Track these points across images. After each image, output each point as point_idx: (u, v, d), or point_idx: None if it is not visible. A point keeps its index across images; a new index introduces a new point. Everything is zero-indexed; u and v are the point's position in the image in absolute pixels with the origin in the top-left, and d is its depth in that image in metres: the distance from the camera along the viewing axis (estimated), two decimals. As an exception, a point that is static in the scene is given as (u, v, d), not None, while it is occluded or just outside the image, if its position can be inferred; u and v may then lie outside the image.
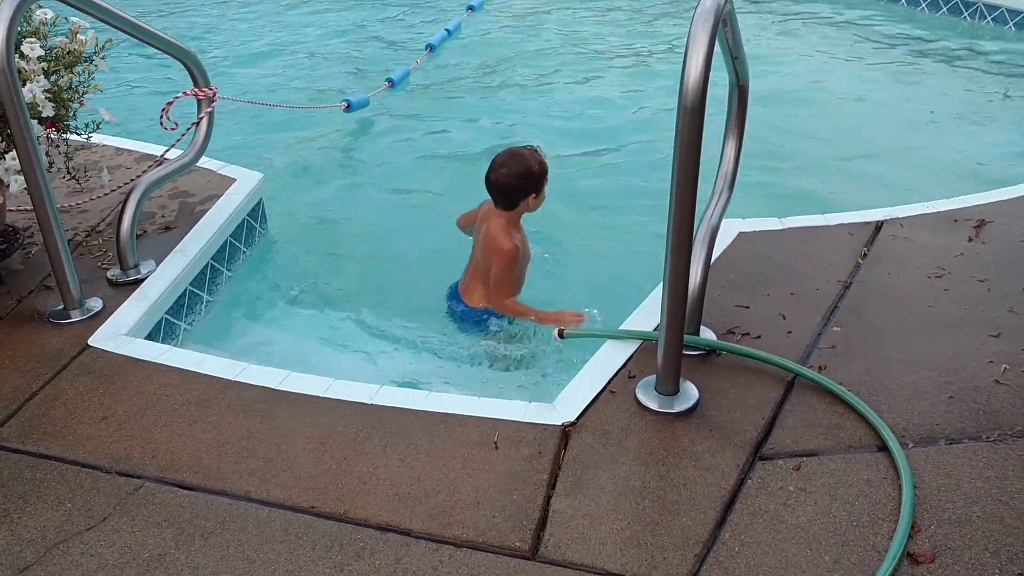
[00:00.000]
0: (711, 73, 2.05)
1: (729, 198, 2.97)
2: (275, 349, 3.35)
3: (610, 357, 2.72)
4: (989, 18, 7.37)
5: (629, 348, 2.76)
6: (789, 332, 2.83)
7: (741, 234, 3.47)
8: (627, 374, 2.64)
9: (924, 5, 7.85)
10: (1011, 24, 7.15)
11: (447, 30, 7.53)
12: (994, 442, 2.32)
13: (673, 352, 2.41)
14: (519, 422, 2.43)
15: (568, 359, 3.19)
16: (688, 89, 2.06)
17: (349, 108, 5.62)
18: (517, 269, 3.40)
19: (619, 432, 2.39)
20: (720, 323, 2.88)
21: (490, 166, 3.32)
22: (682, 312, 2.35)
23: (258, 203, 4.10)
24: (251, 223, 4.02)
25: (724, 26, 2.44)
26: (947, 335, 2.78)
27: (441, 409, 2.49)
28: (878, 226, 3.50)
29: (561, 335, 2.96)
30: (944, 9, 7.71)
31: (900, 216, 3.57)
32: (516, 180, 3.27)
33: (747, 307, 2.97)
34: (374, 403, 2.53)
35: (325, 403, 2.54)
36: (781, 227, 3.52)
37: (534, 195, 3.33)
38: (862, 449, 2.32)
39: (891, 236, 3.42)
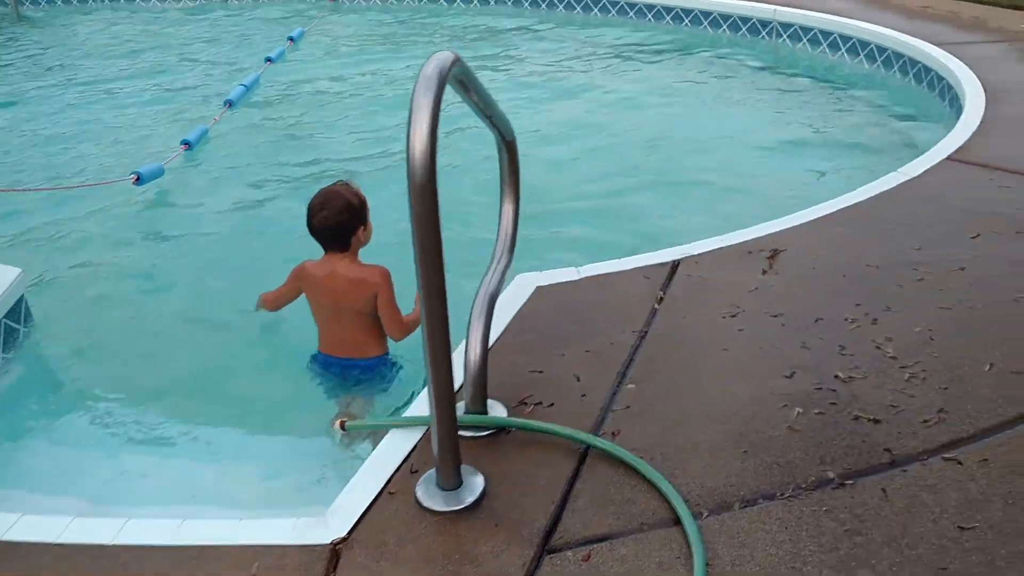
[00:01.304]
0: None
1: (510, 261, 2.81)
2: (27, 479, 2.95)
3: (392, 450, 2.48)
4: (785, 36, 7.62)
5: (414, 436, 2.53)
6: (583, 395, 2.67)
7: (539, 289, 3.32)
8: (409, 468, 2.40)
9: (725, 26, 8.06)
10: (804, 40, 7.40)
11: (244, 85, 7.19)
12: (788, 499, 2.21)
13: (447, 443, 2.20)
14: (284, 546, 2.16)
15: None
16: (415, 165, 1.87)
17: (139, 180, 5.16)
18: None
19: (396, 542, 2.15)
20: (514, 393, 2.69)
21: (309, 212, 3.19)
22: (449, 399, 2.14)
23: (19, 301, 3.68)
24: (10, 325, 3.59)
25: (465, 89, 2.27)
26: (742, 380, 2.69)
27: (195, 541, 2.19)
28: (674, 266, 3.42)
29: (343, 427, 2.71)
30: (744, 29, 7.93)
31: (696, 253, 3.51)
32: (341, 216, 3.17)
33: (541, 371, 2.80)
34: (116, 543, 2.20)
35: (58, 551, 2.19)
36: (578, 276, 3.40)
37: (363, 227, 3.24)
38: (656, 525, 2.16)
39: (687, 276, 3.34)
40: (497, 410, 2.60)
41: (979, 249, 3.39)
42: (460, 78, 2.20)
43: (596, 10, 9.15)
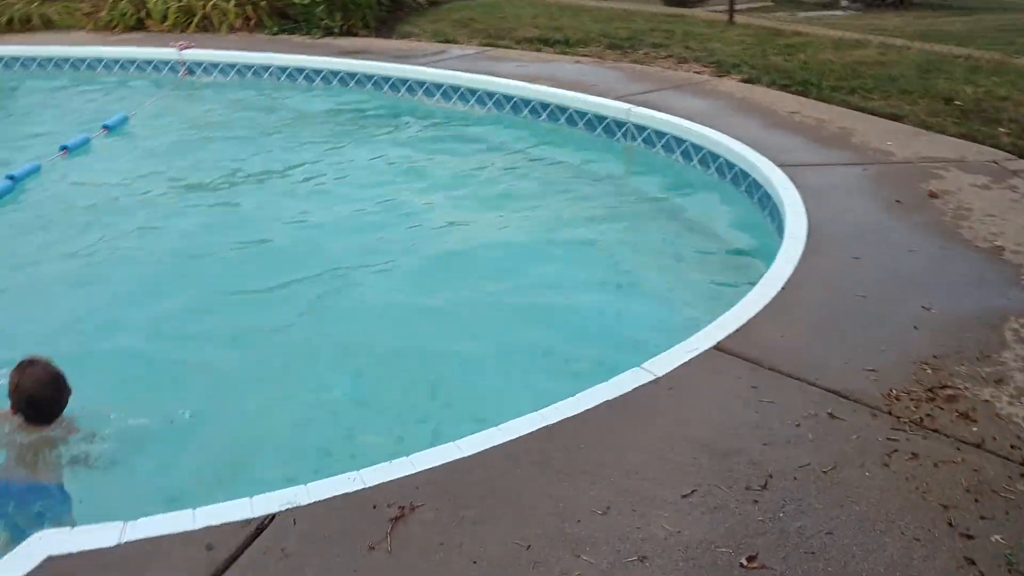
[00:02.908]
0: None
1: None
2: None
3: None
4: (640, 139, 6.75)
5: None
6: None
7: (50, 562, 2.31)
8: None
9: (581, 124, 7.20)
10: (659, 146, 6.43)
11: (9, 177, 6.19)
12: None
13: None
14: None
15: None
16: None
17: None
18: None
19: None
20: None
21: (39, 403, 3.26)
22: None
23: None
24: None
25: None
26: None
27: None
28: (261, 526, 2.43)
29: None
30: (599, 129, 7.07)
31: (303, 503, 2.52)
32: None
33: None
34: None
35: None
36: (118, 541, 2.39)
37: None
38: None
39: (263, 549, 2.35)
40: None
41: (670, 522, 2.41)
42: None
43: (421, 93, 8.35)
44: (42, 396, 3.26)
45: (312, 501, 2.53)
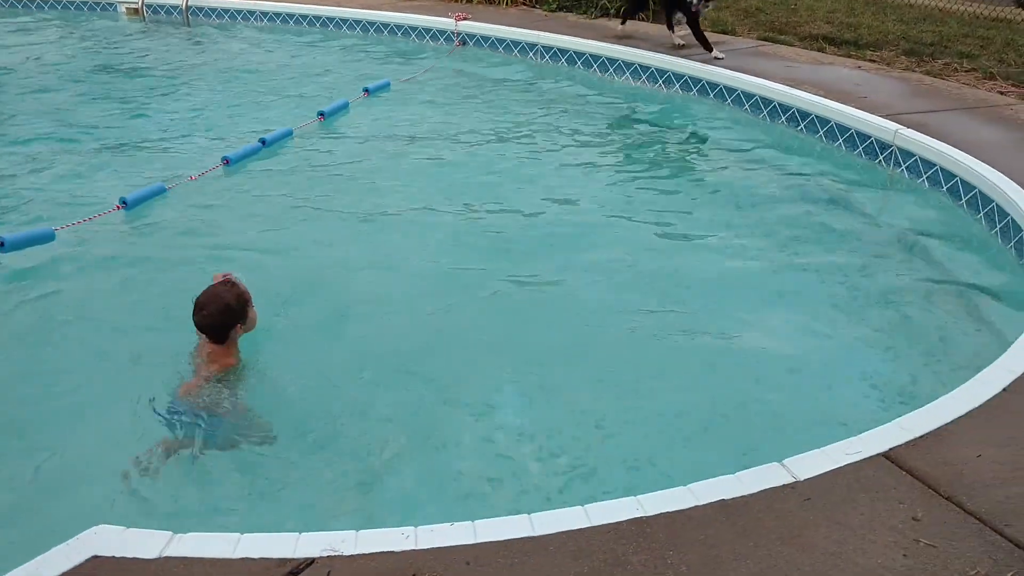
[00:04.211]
0: None
1: None
2: None
3: None
4: (904, 167, 5.87)
5: None
6: None
7: (95, 560, 2.32)
8: None
9: (841, 140, 6.41)
10: (924, 178, 5.54)
11: (262, 141, 6.54)
12: None
13: None
14: None
15: None
16: None
17: (2, 247, 4.61)
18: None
19: None
20: None
21: (194, 309, 3.54)
22: None
23: None
24: None
25: None
26: None
27: None
28: (295, 571, 2.29)
29: None
30: (860, 148, 6.24)
31: (345, 553, 2.34)
32: (220, 318, 3.53)
33: None
34: None
35: None
36: (159, 554, 2.35)
37: (241, 324, 3.61)
38: None
39: (284, 598, 2.19)
40: None
41: None
42: None
43: (678, 85, 7.80)
44: (199, 303, 3.51)
45: (355, 553, 2.35)
